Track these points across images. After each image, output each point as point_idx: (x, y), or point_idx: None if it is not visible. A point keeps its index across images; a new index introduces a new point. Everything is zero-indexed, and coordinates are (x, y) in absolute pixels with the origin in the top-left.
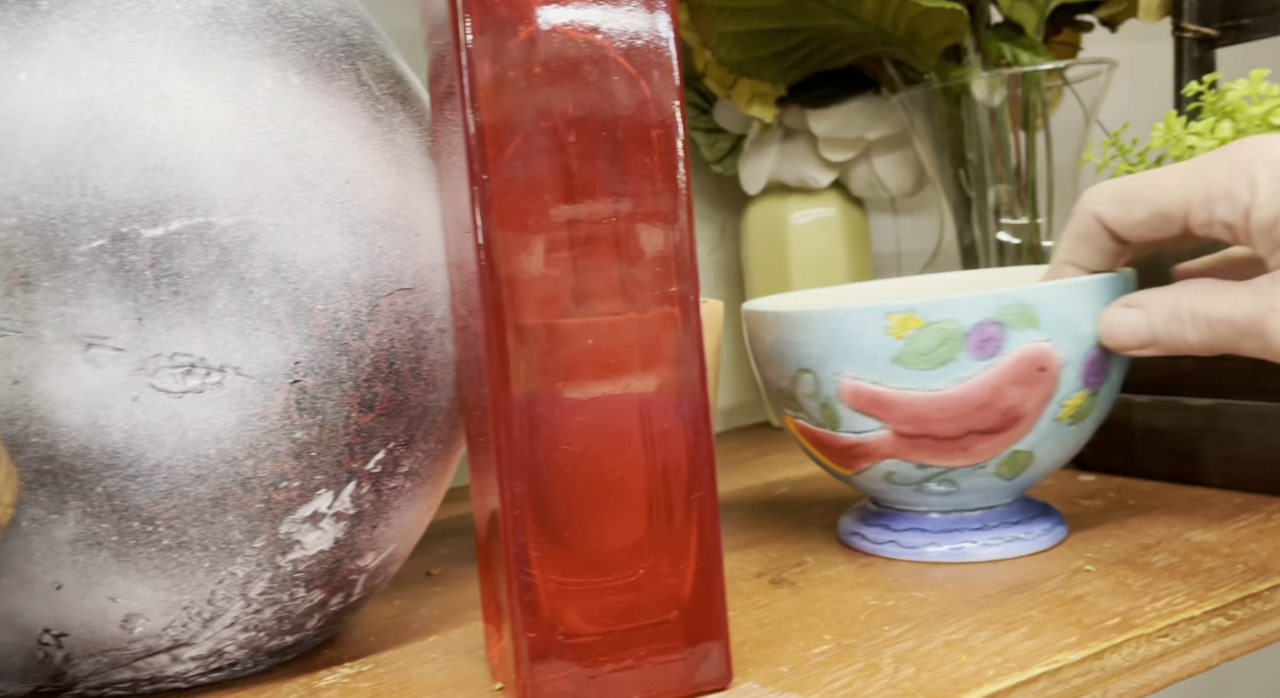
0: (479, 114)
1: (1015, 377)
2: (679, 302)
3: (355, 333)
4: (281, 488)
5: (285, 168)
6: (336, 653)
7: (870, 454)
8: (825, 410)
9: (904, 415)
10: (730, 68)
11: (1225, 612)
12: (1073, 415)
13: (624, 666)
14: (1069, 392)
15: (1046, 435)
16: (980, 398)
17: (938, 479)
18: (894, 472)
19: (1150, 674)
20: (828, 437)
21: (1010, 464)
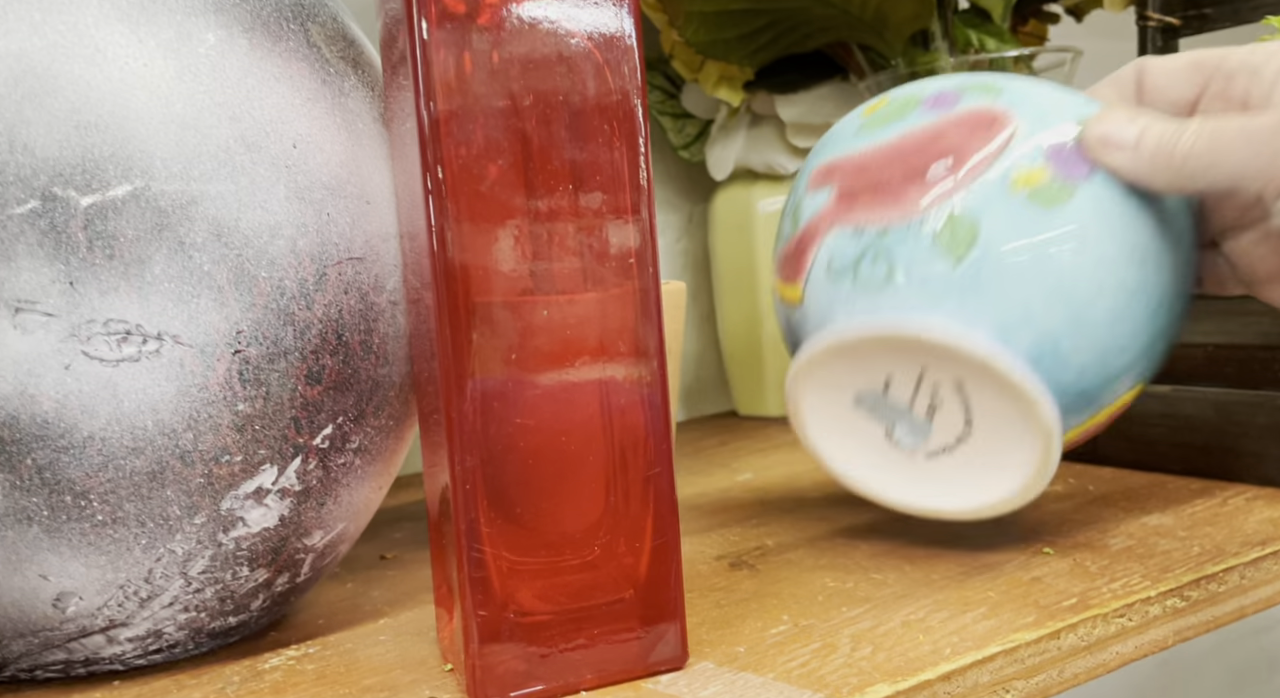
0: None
1: (961, 121)
2: (638, 280)
3: (301, 302)
4: (223, 462)
5: (228, 129)
6: (283, 635)
7: (813, 237)
8: (793, 218)
9: (849, 170)
10: (697, 49)
11: (1180, 593)
12: (1032, 191)
13: (577, 645)
14: (1024, 161)
15: (993, 203)
16: (922, 140)
17: (872, 256)
18: (832, 258)
19: (1105, 654)
20: (786, 257)
21: (951, 232)
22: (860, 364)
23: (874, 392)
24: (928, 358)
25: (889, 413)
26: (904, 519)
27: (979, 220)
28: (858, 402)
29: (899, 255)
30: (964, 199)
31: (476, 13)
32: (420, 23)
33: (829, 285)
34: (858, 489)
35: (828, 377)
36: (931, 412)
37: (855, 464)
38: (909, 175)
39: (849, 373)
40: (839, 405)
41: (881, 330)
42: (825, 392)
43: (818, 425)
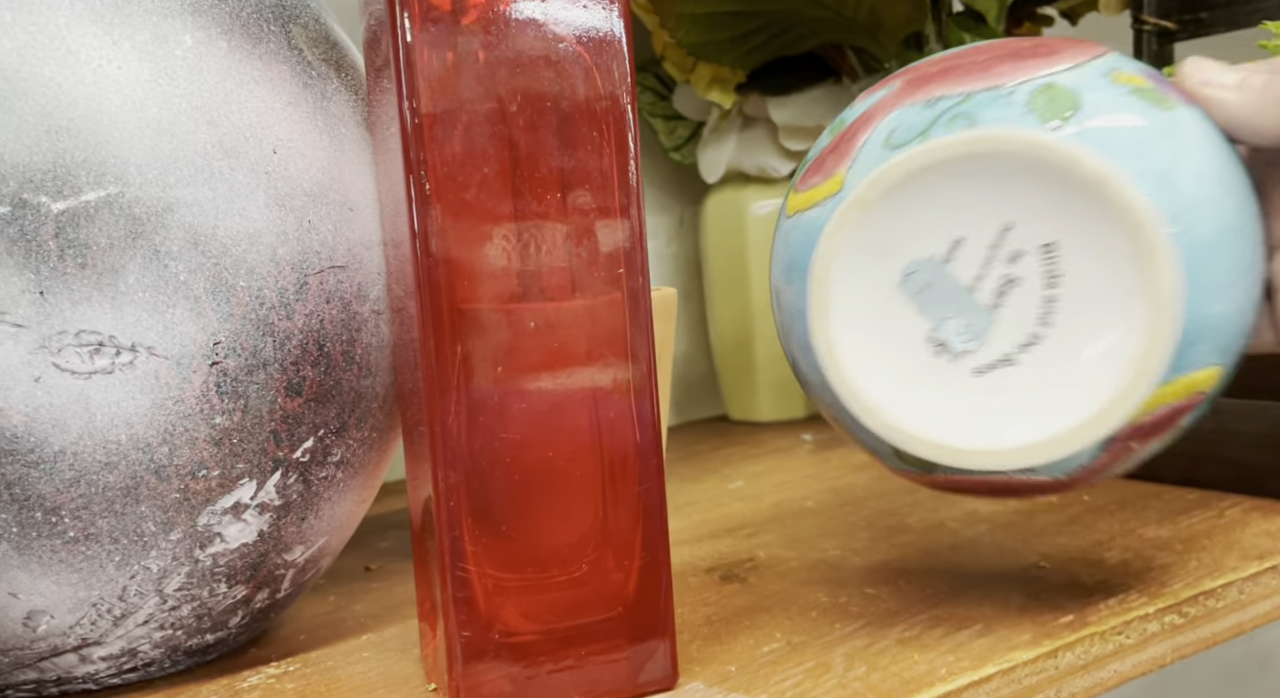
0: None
1: (1057, 38)
2: (627, 288)
3: (281, 312)
4: (200, 477)
5: (205, 134)
6: (263, 652)
7: (867, 122)
8: (832, 130)
9: (921, 67)
10: (689, 50)
11: (1178, 610)
12: (1135, 88)
13: (565, 665)
14: (1126, 67)
15: (1096, 85)
16: (1014, 43)
17: (949, 118)
18: (894, 131)
19: (1103, 673)
20: (817, 161)
21: (1049, 98)
22: (928, 213)
23: (933, 262)
24: (1022, 202)
25: (943, 299)
26: (897, 529)
27: (1080, 93)
28: (907, 278)
29: (984, 116)
30: (1065, 76)
31: (462, 13)
32: (404, 23)
33: (885, 157)
34: (878, 418)
35: (879, 231)
36: (1000, 298)
37: (881, 376)
38: (999, 58)
39: (908, 228)
40: (879, 283)
41: (988, 140)
42: (868, 257)
43: (844, 311)
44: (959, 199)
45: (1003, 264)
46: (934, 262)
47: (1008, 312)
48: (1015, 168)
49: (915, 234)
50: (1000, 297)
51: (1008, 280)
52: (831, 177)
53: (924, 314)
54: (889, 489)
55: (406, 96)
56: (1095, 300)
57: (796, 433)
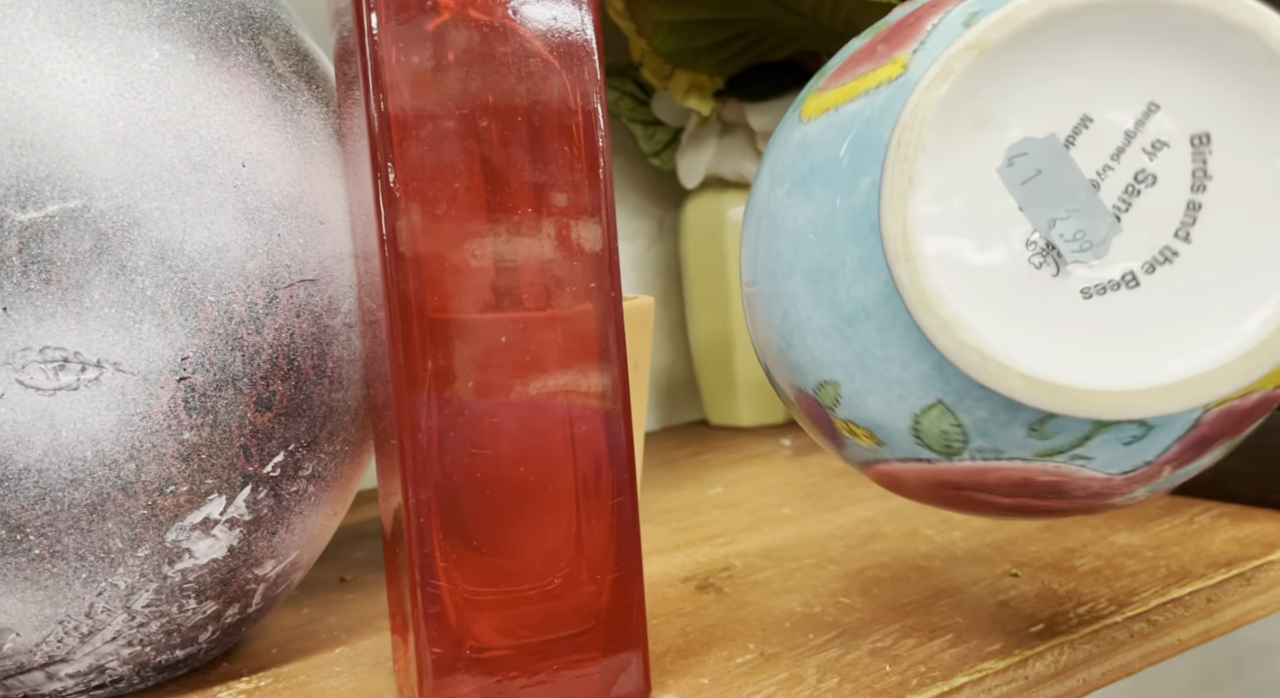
0: (384, 101)
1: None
2: (599, 299)
3: (251, 327)
4: (168, 493)
5: (173, 148)
6: (234, 667)
7: (937, 7)
8: (874, 28)
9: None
10: (666, 58)
11: (1146, 618)
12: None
13: (537, 680)
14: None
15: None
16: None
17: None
18: (981, 9)
19: (1072, 682)
20: (863, 51)
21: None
22: (1053, 79)
23: (1050, 143)
24: (1177, 76)
25: (1055, 194)
26: (873, 537)
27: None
28: (1011, 162)
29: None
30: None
31: (431, 19)
32: (372, 30)
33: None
34: (955, 335)
35: (987, 94)
36: (1129, 198)
37: (965, 283)
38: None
39: (1024, 95)
40: (974, 165)
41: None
42: (966, 129)
43: (927, 193)
44: (1095, 65)
45: (1139, 156)
46: (1051, 143)
47: (1137, 217)
48: (1176, 30)
49: (1032, 105)
50: (1130, 197)
51: (1142, 177)
52: (887, 61)
53: (1027, 211)
54: (866, 496)
55: (374, 104)
56: (1252, 215)
57: (776, 438)
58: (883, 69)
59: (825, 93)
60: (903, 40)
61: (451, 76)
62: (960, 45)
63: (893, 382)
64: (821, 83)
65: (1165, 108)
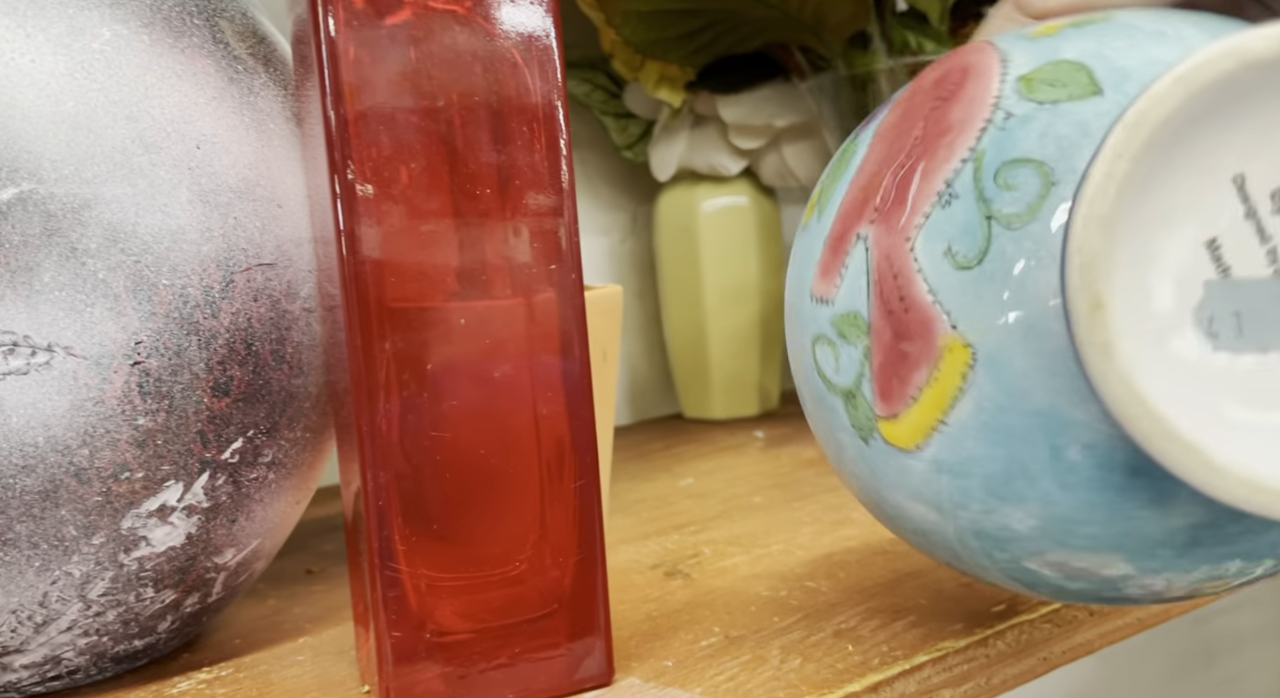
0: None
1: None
2: (560, 284)
3: (207, 311)
4: (123, 480)
5: (124, 129)
6: (195, 657)
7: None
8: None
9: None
10: (636, 48)
11: None
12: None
13: (499, 663)
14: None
15: None
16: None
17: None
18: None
19: (1032, 659)
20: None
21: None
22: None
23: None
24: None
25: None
26: (841, 523)
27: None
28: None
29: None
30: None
31: (387, 10)
32: (327, 20)
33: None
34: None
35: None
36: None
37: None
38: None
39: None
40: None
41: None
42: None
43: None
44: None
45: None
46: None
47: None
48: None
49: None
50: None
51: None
52: (933, 346)
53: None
54: (836, 485)
55: (331, 96)
56: None
57: (749, 430)
58: (939, 367)
59: (898, 421)
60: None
61: (407, 71)
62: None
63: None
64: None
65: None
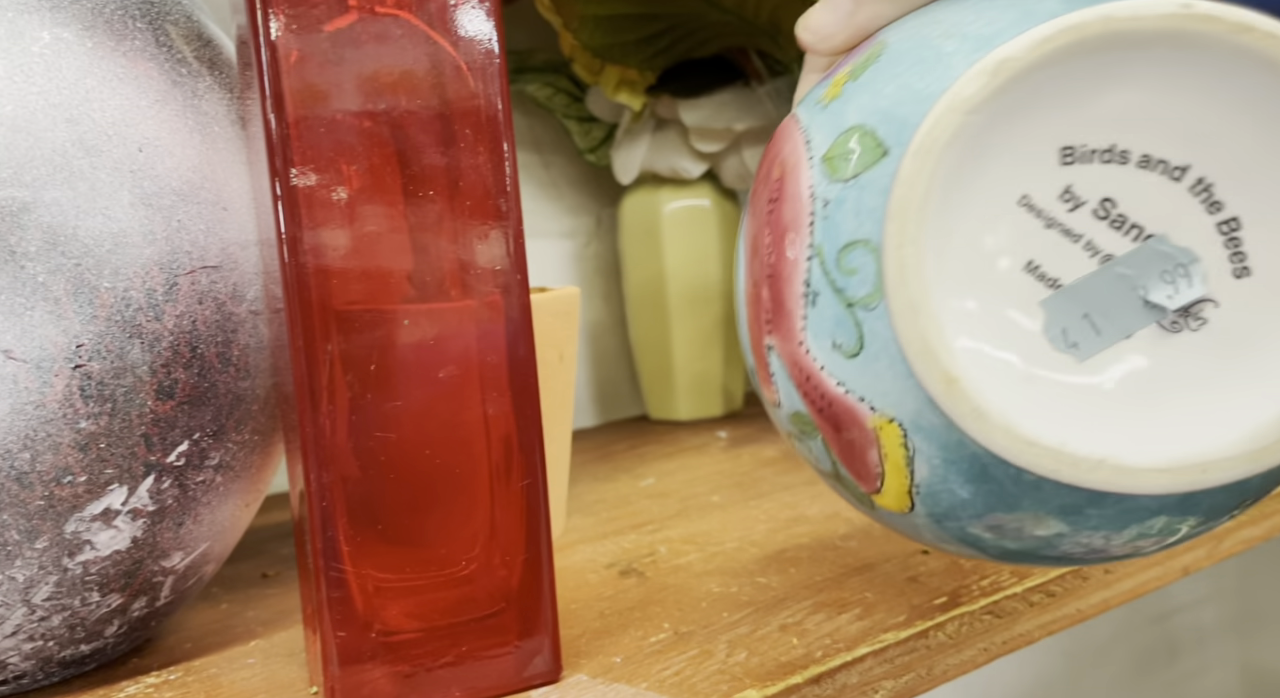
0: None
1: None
2: (504, 285)
3: (150, 314)
4: (65, 483)
5: (65, 132)
6: (145, 661)
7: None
8: None
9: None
10: (594, 52)
11: (1045, 589)
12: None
13: (445, 662)
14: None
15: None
16: None
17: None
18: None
19: (972, 650)
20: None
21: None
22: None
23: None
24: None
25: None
26: (796, 520)
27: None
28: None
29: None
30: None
31: (330, 14)
32: (268, 24)
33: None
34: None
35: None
36: (1163, 274)
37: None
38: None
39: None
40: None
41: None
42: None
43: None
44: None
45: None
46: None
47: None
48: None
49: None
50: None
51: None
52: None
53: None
54: (794, 483)
55: (270, 99)
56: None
57: (713, 431)
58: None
59: (882, 494)
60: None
61: (348, 74)
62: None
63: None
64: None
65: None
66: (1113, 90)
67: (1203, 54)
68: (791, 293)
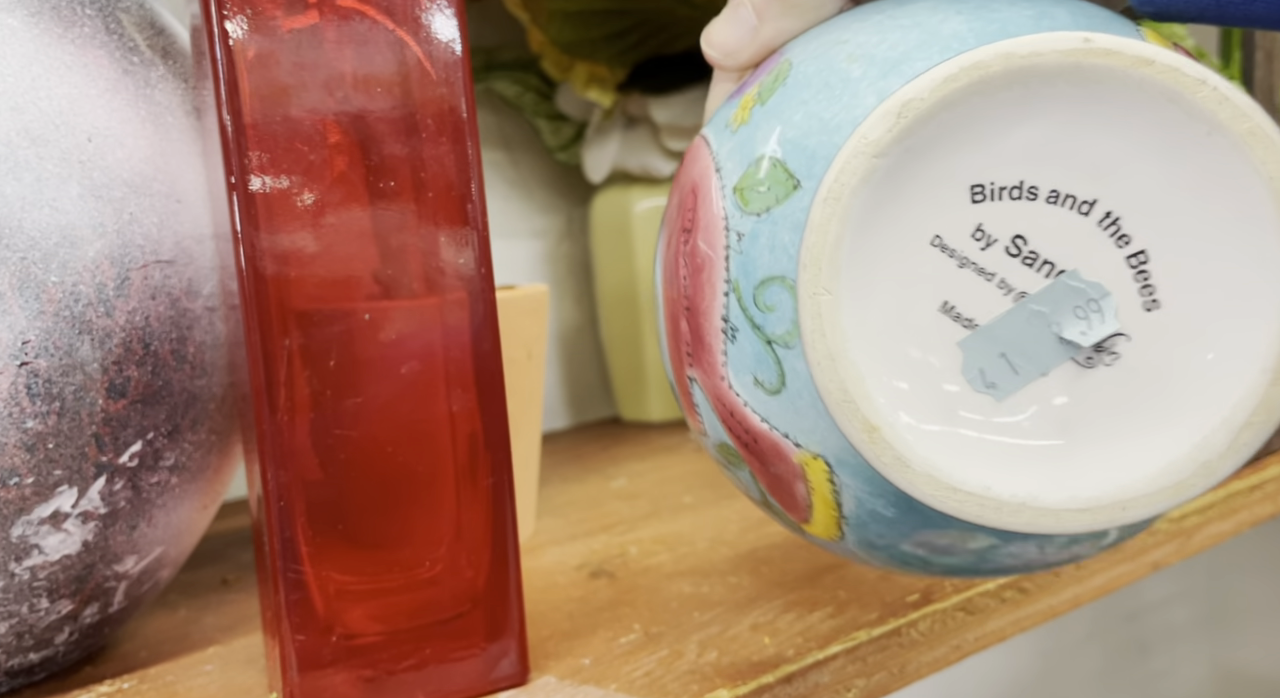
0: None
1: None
2: (468, 282)
3: (100, 309)
4: (11, 485)
5: (8, 121)
6: (98, 669)
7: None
8: None
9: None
10: (562, 48)
11: (1017, 585)
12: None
13: (409, 665)
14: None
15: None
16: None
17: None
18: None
19: (945, 648)
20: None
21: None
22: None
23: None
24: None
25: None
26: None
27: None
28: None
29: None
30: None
31: (290, 10)
32: (223, 22)
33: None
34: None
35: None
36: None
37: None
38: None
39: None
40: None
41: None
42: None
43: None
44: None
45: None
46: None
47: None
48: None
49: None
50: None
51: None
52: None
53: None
54: None
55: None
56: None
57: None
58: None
59: (812, 524)
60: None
61: (311, 72)
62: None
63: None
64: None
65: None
66: (1018, 126)
67: (1105, 88)
68: (710, 328)
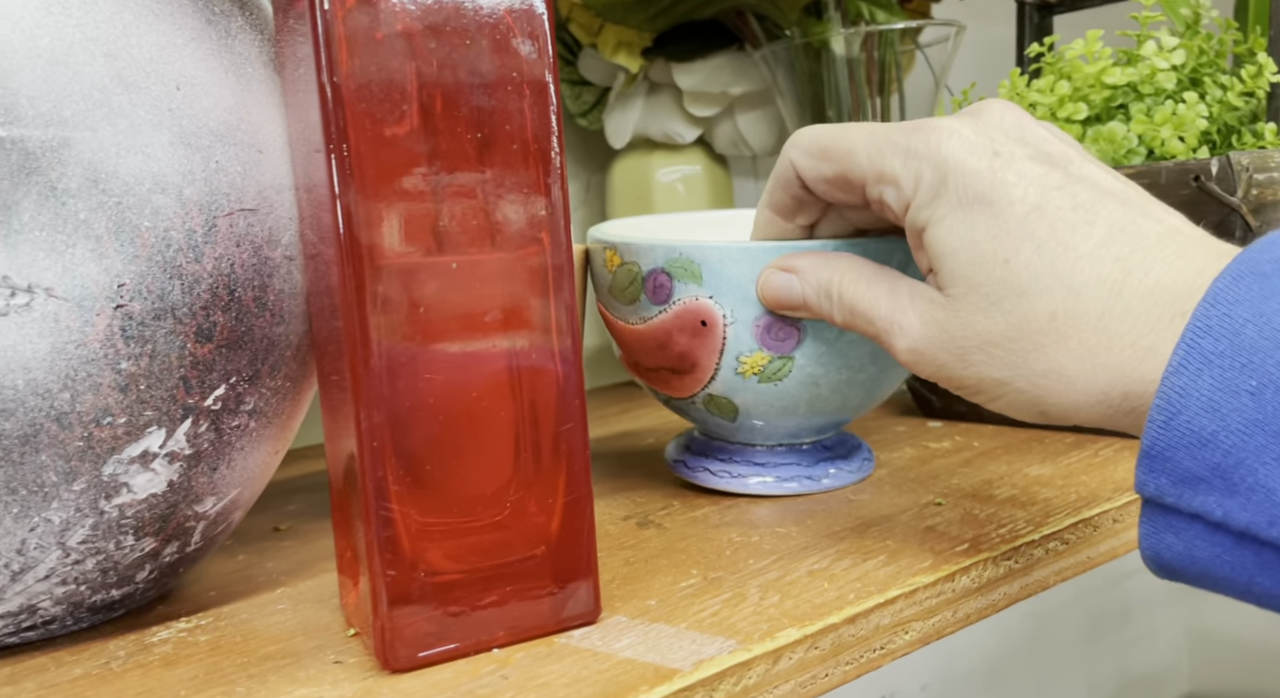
0: (336, 65)
1: (680, 325)
2: (548, 241)
3: (190, 255)
4: (105, 425)
5: (103, 67)
6: (171, 608)
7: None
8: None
9: (622, 343)
10: (596, 11)
11: (1060, 537)
12: (762, 375)
13: (488, 603)
14: (745, 350)
15: (739, 388)
16: (657, 339)
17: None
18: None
19: (995, 595)
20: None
21: (719, 407)
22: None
23: None
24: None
25: None
26: None
27: (735, 400)
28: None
29: (693, 412)
30: (716, 388)
31: None
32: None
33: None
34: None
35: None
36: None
37: None
38: (664, 369)
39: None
40: None
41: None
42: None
43: None
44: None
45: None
46: None
47: None
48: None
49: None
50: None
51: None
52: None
53: None
54: None
55: (326, 66)
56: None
57: None
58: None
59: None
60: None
61: (401, 40)
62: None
63: None
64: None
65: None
66: None
67: None
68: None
